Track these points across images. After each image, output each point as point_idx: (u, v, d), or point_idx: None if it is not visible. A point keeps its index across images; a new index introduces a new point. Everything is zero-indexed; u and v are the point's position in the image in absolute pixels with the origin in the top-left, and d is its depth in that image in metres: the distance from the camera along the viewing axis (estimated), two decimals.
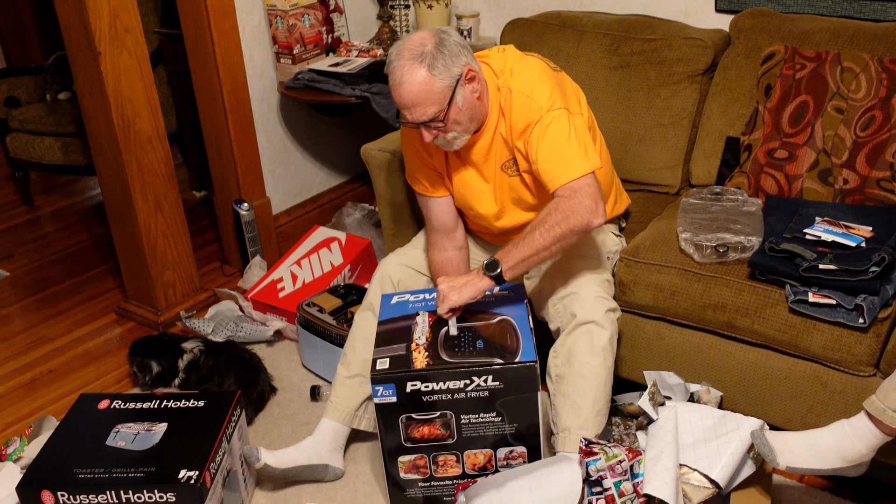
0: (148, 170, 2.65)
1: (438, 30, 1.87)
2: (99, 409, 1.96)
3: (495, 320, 1.89)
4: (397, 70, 1.83)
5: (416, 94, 1.82)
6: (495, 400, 1.79)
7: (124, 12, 2.47)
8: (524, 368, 1.76)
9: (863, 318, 1.78)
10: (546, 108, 1.88)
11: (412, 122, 1.88)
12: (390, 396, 1.79)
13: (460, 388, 1.78)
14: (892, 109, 2.07)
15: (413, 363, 1.78)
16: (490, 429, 1.84)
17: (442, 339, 1.84)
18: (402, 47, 1.84)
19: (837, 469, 1.74)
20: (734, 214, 2.10)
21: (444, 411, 1.81)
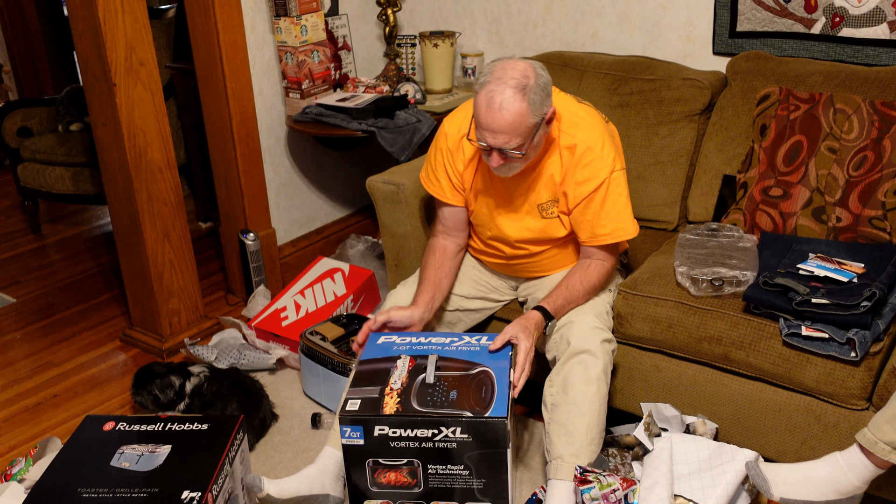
0: (157, 198, 2.71)
1: (537, 64, 1.89)
2: (104, 430, 1.99)
3: (474, 371, 1.87)
4: (497, 94, 1.82)
5: (510, 122, 1.83)
6: (463, 453, 1.77)
7: (140, 46, 2.55)
8: (493, 423, 1.73)
9: (855, 351, 1.81)
10: (610, 168, 2.00)
11: (488, 145, 1.89)
12: (358, 438, 1.78)
13: (428, 437, 1.75)
14: (884, 150, 2.14)
15: (383, 408, 1.76)
16: (457, 481, 1.81)
17: (417, 387, 1.82)
18: (504, 72, 1.84)
19: (831, 501, 1.76)
20: (730, 250, 2.15)
21: (411, 459, 1.79)
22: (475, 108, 1.88)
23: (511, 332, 1.94)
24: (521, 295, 2.31)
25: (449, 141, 2.13)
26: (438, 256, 2.18)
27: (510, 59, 1.90)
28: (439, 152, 2.15)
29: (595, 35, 2.95)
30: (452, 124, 2.14)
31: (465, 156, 2.12)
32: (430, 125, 2.88)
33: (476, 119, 1.88)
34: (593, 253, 2.09)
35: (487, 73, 1.87)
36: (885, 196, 2.12)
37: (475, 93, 1.88)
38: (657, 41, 2.82)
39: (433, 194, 2.19)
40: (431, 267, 2.15)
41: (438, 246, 2.20)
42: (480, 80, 1.87)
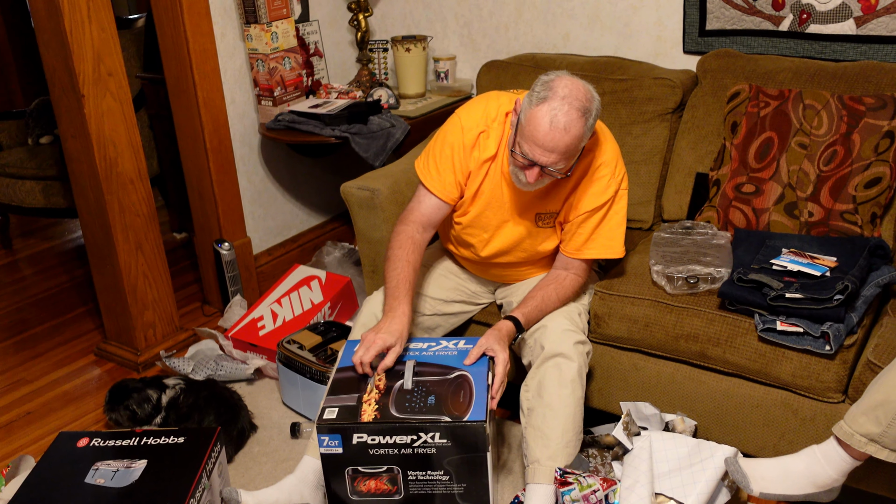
0: (129, 210, 2.68)
1: (592, 87, 1.85)
2: (78, 447, 1.96)
3: (452, 376, 1.86)
4: (563, 114, 1.76)
5: (567, 144, 1.79)
6: (443, 458, 1.75)
7: (108, 56, 2.52)
8: (472, 427, 1.72)
9: (829, 345, 1.82)
10: (617, 187, 2.01)
11: (532, 163, 1.82)
12: (336, 447, 1.76)
13: (407, 443, 1.74)
14: (853, 145, 2.15)
15: (361, 415, 1.74)
16: (438, 487, 1.79)
17: (395, 393, 1.81)
18: (569, 91, 1.78)
19: (810, 495, 1.77)
20: (704, 247, 2.16)
21: (391, 466, 1.77)
22: (529, 122, 1.79)
23: (486, 345, 1.93)
24: (499, 299, 2.30)
25: (466, 137, 2.02)
26: (409, 249, 2.01)
27: (567, 75, 1.83)
28: (450, 147, 2.04)
29: (567, 36, 2.96)
30: (471, 118, 2.04)
31: (481, 156, 2.03)
32: (404, 130, 2.87)
33: (529, 134, 1.80)
34: (570, 265, 2.09)
35: (547, 89, 1.79)
36: (856, 190, 2.14)
37: (530, 105, 1.80)
38: (628, 41, 2.83)
39: (426, 185, 2.06)
40: (404, 261, 1.98)
41: (408, 237, 2.03)
42: (540, 93, 1.79)
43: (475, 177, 2.06)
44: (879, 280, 1.96)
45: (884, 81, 2.24)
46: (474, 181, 2.06)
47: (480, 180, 2.06)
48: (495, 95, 2.09)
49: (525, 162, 1.85)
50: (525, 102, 1.84)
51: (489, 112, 2.03)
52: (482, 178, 2.05)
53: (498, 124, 2.02)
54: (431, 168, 2.07)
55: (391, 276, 1.98)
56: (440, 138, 2.08)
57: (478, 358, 1.92)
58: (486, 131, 2.02)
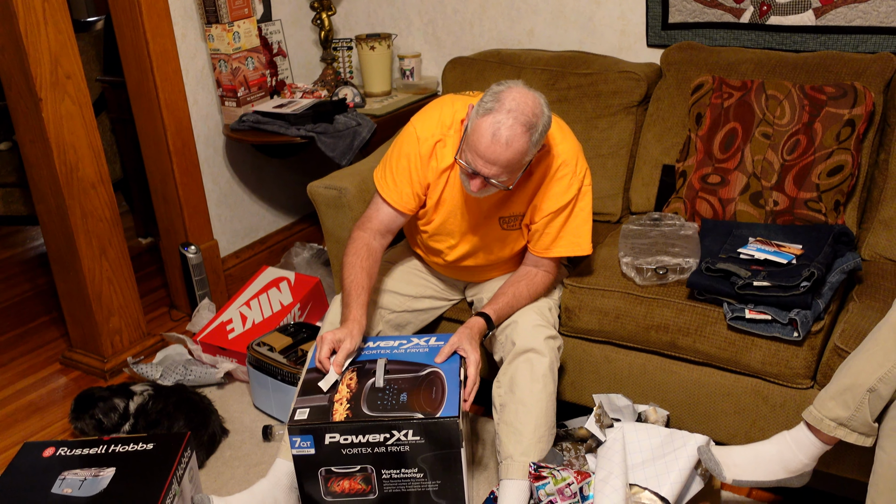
0: (92, 215, 2.63)
1: (543, 99, 1.82)
2: (44, 457, 1.92)
3: (424, 372, 1.85)
4: (506, 128, 1.74)
5: (510, 159, 1.77)
6: (416, 455, 1.74)
7: (65, 59, 2.47)
8: (444, 424, 1.70)
9: (797, 331, 1.84)
10: (580, 185, 2.00)
11: (475, 172, 1.81)
12: (308, 448, 1.74)
13: (380, 441, 1.72)
14: (815, 133, 2.18)
15: (333, 415, 1.72)
16: (412, 485, 1.78)
17: (366, 392, 1.79)
18: (516, 104, 1.76)
19: (782, 480, 1.78)
20: (672, 238, 2.17)
21: (364, 465, 1.75)
22: (474, 133, 1.78)
23: (457, 344, 1.91)
24: (469, 296, 2.29)
25: (421, 147, 2.00)
26: (364, 255, 1.99)
27: (519, 86, 1.80)
28: (406, 157, 2.01)
29: (531, 32, 2.96)
30: (425, 128, 2.01)
31: (439, 165, 2.01)
32: (370, 128, 2.85)
33: (472, 144, 1.79)
34: (541, 263, 2.09)
35: (495, 100, 1.77)
36: (819, 178, 2.16)
37: (477, 115, 1.78)
38: (592, 36, 2.84)
39: (384, 197, 2.04)
40: (358, 268, 1.97)
41: (364, 244, 2.02)
42: (487, 104, 1.77)
43: (435, 186, 2.04)
44: (844, 266, 1.99)
45: (843, 71, 2.27)
46: (435, 190, 2.04)
47: (441, 189, 2.04)
48: (450, 101, 2.05)
49: (469, 170, 1.83)
50: (473, 111, 1.82)
51: (444, 120, 2.00)
52: (443, 187, 2.04)
53: (455, 132, 1.99)
54: (388, 179, 2.04)
55: (345, 283, 1.97)
56: (396, 149, 2.05)
57: (449, 356, 1.91)
58: (443, 140, 2.00)
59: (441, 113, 2.02)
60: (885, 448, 1.67)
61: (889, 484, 1.67)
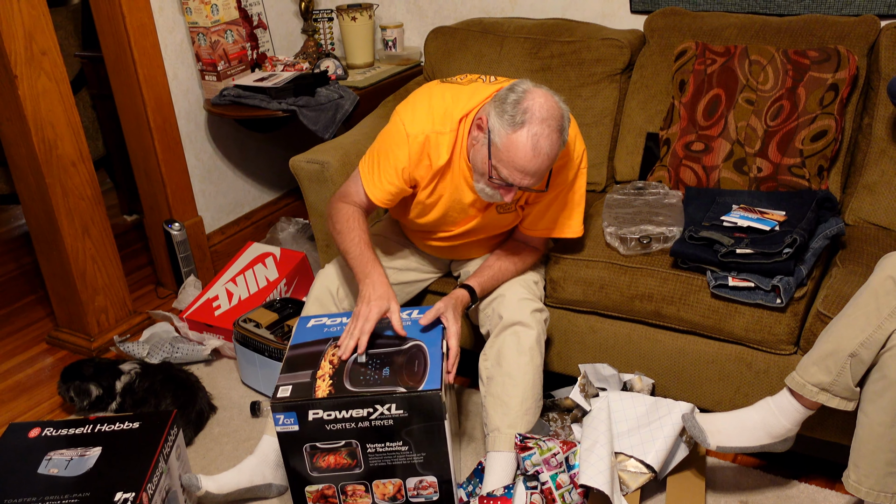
0: (73, 193, 2.61)
1: (558, 97, 1.78)
2: (29, 437, 1.91)
3: (407, 346, 1.83)
4: (545, 139, 1.71)
5: (548, 166, 1.76)
6: (400, 429, 1.74)
7: (40, 34, 2.43)
8: (427, 396, 1.70)
9: (780, 298, 1.84)
10: (576, 167, 1.98)
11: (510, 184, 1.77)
12: (292, 425, 1.74)
13: (364, 416, 1.72)
14: (799, 99, 2.17)
15: (315, 391, 1.72)
16: (398, 458, 1.78)
17: (349, 367, 1.78)
18: (547, 113, 1.72)
19: (766, 445, 1.80)
20: (656, 207, 2.16)
21: (349, 440, 1.76)
22: (510, 149, 1.72)
23: (442, 310, 1.90)
24: (455, 269, 2.28)
25: (411, 145, 1.90)
26: (359, 220, 1.97)
27: (535, 89, 1.75)
28: (393, 156, 1.92)
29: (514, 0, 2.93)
30: (414, 124, 1.90)
31: (433, 164, 1.93)
32: (353, 101, 2.82)
33: (510, 160, 1.73)
34: (530, 240, 2.09)
35: (523, 111, 1.71)
36: (803, 143, 2.15)
37: (504, 129, 1.71)
38: (576, 2, 2.81)
39: (369, 195, 1.97)
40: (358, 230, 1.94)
41: (353, 211, 1.98)
42: (515, 116, 1.71)
43: (427, 184, 1.97)
44: (828, 232, 1.99)
45: (827, 34, 2.25)
46: (427, 187, 1.98)
47: (434, 186, 1.98)
48: (439, 93, 1.95)
49: (503, 184, 1.80)
50: (496, 124, 1.74)
51: (435, 116, 1.91)
52: (434, 185, 1.98)
53: (450, 130, 1.90)
54: (374, 173, 1.97)
55: (351, 246, 1.93)
56: (384, 144, 1.97)
57: (432, 320, 1.89)
58: (435, 138, 1.91)
59: (431, 106, 1.92)
60: (866, 412, 1.69)
61: (871, 447, 1.68)
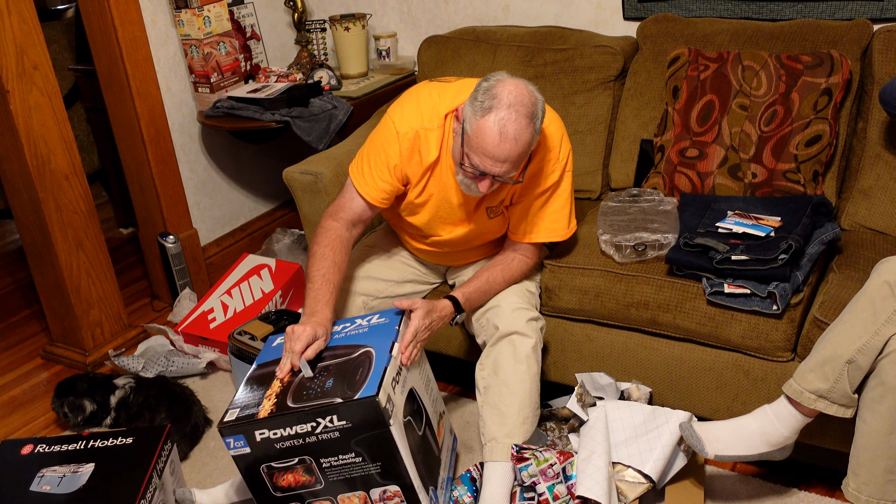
0: (66, 208, 2.60)
1: (531, 86, 1.78)
2: (22, 454, 1.90)
3: (356, 354, 1.78)
4: (511, 123, 1.70)
5: (519, 153, 1.74)
6: (348, 440, 1.69)
7: (31, 49, 2.42)
8: (364, 403, 1.63)
9: (776, 304, 1.83)
10: (562, 170, 1.96)
11: (483, 173, 1.77)
12: (243, 447, 1.70)
13: (309, 431, 1.67)
14: (793, 103, 2.16)
15: (259, 412, 1.68)
16: (354, 470, 1.73)
17: (295, 384, 1.74)
18: (513, 98, 1.71)
19: (764, 454, 1.78)
20: (651, 214, 2.15)
21: (301, 457, 1.71)
22: (478, 134, 1.72)
23: (417, 305, 1.87)
24: (450, 279, 2.27)
25: (402, 142, 1.92)
26: (337, 248, 1.92)
27: (507, 78, 1.76)
28: (384, 153, 1.94)
29: (507, 8, 2.92)
30: (404, 121, 1.93)
31: (423, 161, 1.94)
32: (346, 111, 2.81)
33: (478, 145, 1.73)
34: (519, 248, 2.07)
35: (491, 97, 1.72)
36: (797, 149, 2.15)
37: (475, 115, 1.73)
38: (568, 10, 2.81)
39: (359, 190, 1.97)
40: (329, 261, 1.90)
41: (337, 235, 1.94)
42: (484, 102, 1.72)
43: (418, 182, 1.98)
44: (823, 237, 1.98)
45: (820, 39, 2.24)
46: (417, 186, 1.99)
47: (424, 184, 1.98)
48: (426, 91, 1.98)
49: (476, 173, 1.79)
50: (468, 112, 1.76)
51: (423, 113, 1.93)
52: (425, 183, 1.98)
53: (437, 126, 1.92)
54: (365, 173, 1.97)
55: (316, 275, 1.88)
56: (374, 142, 1.98)
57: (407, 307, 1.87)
58: (424, 134, 1.93)
59: (419, 104, 1.95)
60: (865, 419, 1.67)
61: (869, 454, 1.67)
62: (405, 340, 1.83)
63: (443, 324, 1.95)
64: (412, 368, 1.84)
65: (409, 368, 1.81)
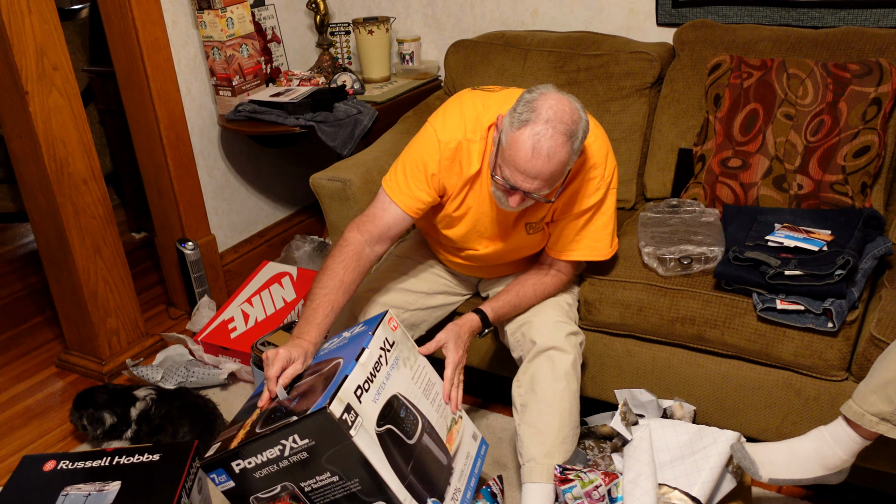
0: (84, 212, 2.53)
1: (578, 104, 1.70)
2: (45, 471, 1.82)
3: (327, 368, 1.68)
4: (546, 139, 1.61)
5: (552, 172, 1.65)
6: (318, 459, 1.58)
7: (51, 49, 2.36)
8: (317, 418, 1.51)
9: (832, 322, 1.77)
10: (606, 188, 1.88)
11: (514, 188, 1.68)
12: (227, 481, 1.62)
13: (278, 455, 1.57)
14: (840, 113, 2.09)
15: (231, 443, 1.60)
16: (336, 490, 1.62)
17: (268, 409, 1.64)
18: (554, 113, 1.63)
19: (819, 477, 1.72)
20: (693, 226, 2.09)
21: (283, 484, 1.62)
22: (511, 147, 1.65)
23: (443, 340, 1.81)
24: (483, 291, 2.20)
25: (443, 151, 1.84)
26: (351, 267, 1.81)
27: (552, 92, 1.68)
28: (422, 162, 1.85)
29: (535, 13, 2.86)
30: (446, 130, 1.85)
31: (464, 173, 1.86)
32: (371, 116, 2.75)
33: (510, 159, 1.65)
34: (554, 263, 1.99)
35: (530, 110, 1.64)
36: (845, 160, 2.08)
37: (511, 127, 1.65)
38: (599, 15, 2.74)
39: (395, 201, 1.87)
40: (337, 281, 1.79)
41: (355, 252, 1.83)
42: (522, 115, 1.64)
43: (457, 194, 1.90)
44: (876, 252, 1.91)
45: (867, 47, 2.18)
46: (457, 198, 1.91)
47: (464, 197, 1.90)
48: (470, 100, 1.90)
49: (506, 186, 1.71)
50: (507, 122, 1.68)
51: (467, 123, 1.85)
52: (464, 195, 1.90)
53: (480, 138, 1.84)
54: (400, 180, 1.88)
55: (317, 294, 1.78)
56: (413, 151, 1.90)
57: (433, 351, 1.81)
58: (467, 146, 1.85)
59: (462, 114, 1.86)
60: None
61: None
62: (447, 379, 1.77)
63: (472, 337, 1.89)
64: (396, 373, 1.71)
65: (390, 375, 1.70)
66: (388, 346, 1.72)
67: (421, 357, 1.81)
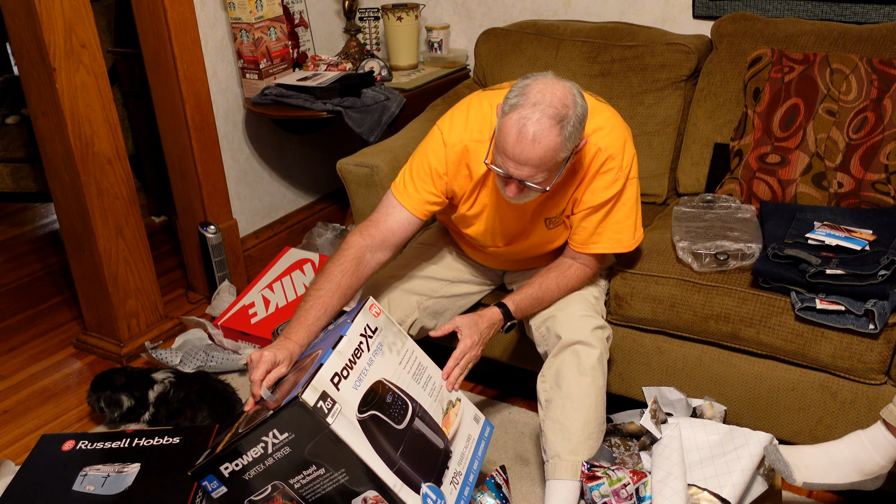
0: (108, 193, 2.50)
1: (575, 88, 1.65)
2: (63, 450, 1.80)
3: (308, 360, 1.64)
4: (531, 122, 1.58)
5: (541, 156, 1.60)
6: (301, 452, 1.54)
7: (80, 26, 2.33)
8: (292, 409, 1.47)
9: (873, 323, 1.71)
10: (625, 178, 1.82)
11: (507, 175, 1.65)
12: (219, 487, 1.58)
13: (262, 454, 1.54)
14: (885, 111, 2.04)
15: (217, 448, 1.57)
16: (326, 484, 1.58)
17: (254, 412, 1.60)
18: (541, 96, 1.59)
19: (855, 483, 1.66)
20: (729, 221, 2.03)
21: (273, 483, 1.58)
22: (501, 133, 1.62)
23: (458, 323, 1.78)
24: (508, 282, 2.16)
25: (449, 154, 1.82)
26: (350, 271, 1.77)
27: (547, 78, 1.63)
28: (428, 165, 1.84)
29: (568, 2, 2.81)
30: (452, 133, 1.83)
31: (472, 174, 1.84)
32: (399, 103, 2.71)
33: (500, 145, 1.63)
34: (578, 256, 1.94)
35: (520, 94, 1.61)
36: (888, 158, 2.02)
37: (503, 113, 1.62)
38: (634, 6, 2.69)
39: (400, 202, 1.84)
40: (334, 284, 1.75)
41: (356, 256, 1.79)
42: (511, 100, 1.61)
43: (469, 197, 1.87)
44: None
45: None
46: (469, 200, 1.88)
47: (475, 197, 1.88)
48: (477, 102, 1.86)
49: (501, 174, 1.67)
50: (500, 110, 1.65)
51: (472, 125, 1.82)
52: (477, 194, 1.87)
53: (488, 138, 1.79)
54: (407, 181, 1.85)
55: (312, 295, 1.75)
56: (421, 153, 1.87)
57: (447, 332, 1.78)
58: (474, 147, 1.81)
59: (468, 116, 1.84)
60: None
61: None
62: (451, 359, 1.74)
63: (494, 332, 1.85)
64: (380, 359, 1.66)
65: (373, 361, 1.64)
66: (369, 333, 1.67)
67: (409, 341, 1.76)
